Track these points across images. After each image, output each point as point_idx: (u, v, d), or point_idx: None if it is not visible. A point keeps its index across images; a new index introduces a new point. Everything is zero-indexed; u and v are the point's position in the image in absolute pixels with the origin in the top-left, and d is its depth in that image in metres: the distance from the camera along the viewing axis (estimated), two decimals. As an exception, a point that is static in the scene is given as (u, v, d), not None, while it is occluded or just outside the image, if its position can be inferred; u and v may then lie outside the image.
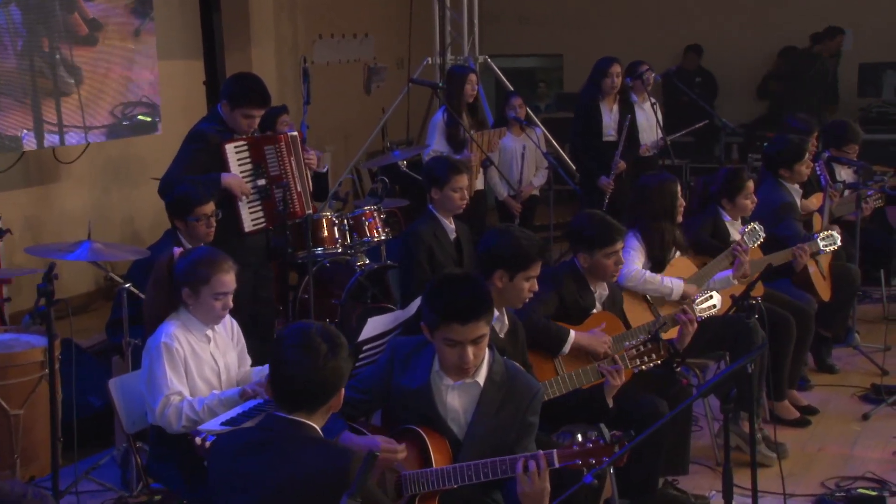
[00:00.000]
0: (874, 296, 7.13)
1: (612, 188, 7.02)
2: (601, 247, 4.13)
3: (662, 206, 4.78)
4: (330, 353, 2.48)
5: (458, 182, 4.96)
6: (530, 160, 7.28)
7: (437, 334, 2.97)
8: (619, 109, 7.17)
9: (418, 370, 3.08)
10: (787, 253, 5.23)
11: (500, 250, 3.59)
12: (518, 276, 3.59)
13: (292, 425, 2.51)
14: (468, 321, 2.91)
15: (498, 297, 3.58)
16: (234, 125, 4.92)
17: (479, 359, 3.00)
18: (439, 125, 6.73)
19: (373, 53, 10.58)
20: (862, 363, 6.00)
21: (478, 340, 2.95)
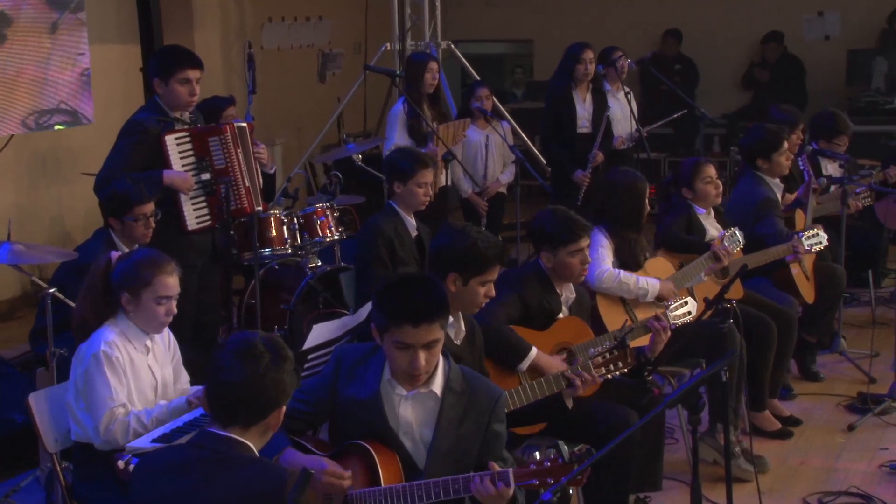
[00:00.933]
0: (862, 298, 7.25)
1: (587, 182, 7.07)
2: (565, 244, 4.17)
3: (627, 212, 4.83)
4: (272, 364, 2.48)
5: (423, 177, 4.99)
6: (496, 154, 7.31)
7: (386, 337, 2.99)
8: (592, 99, 7.22)
9: (367, 379, 3.09)
10: (769, 253, 5.29)
11: (454, 252, 3.61)
12: (473, 280, 3.61)
13: (225, 443, 2.50)
14: (420, 323, 2.92)
15: (452, 301, 3.58)
16: (174, 101, 4.89)
17: (430, 365, 3.02)
18: (400, 117, 6.73)
19: (327, 38, 10.57)
20: (848, 370, 6.09)
21: (431, 345, 2.97)
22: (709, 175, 5.32)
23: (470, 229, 3.68)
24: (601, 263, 4.75)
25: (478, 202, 7.21)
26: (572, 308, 4.33)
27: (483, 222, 7.11)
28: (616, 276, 4.71)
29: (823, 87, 10.72)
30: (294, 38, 10.10)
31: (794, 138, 6.33)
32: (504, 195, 7.51)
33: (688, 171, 5.33)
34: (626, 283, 4.72)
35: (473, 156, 7.26)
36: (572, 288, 4.32)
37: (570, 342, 4.17)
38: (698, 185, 5.29)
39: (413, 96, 6.66)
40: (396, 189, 4.98)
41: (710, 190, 5.31)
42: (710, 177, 5.31)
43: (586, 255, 4.24)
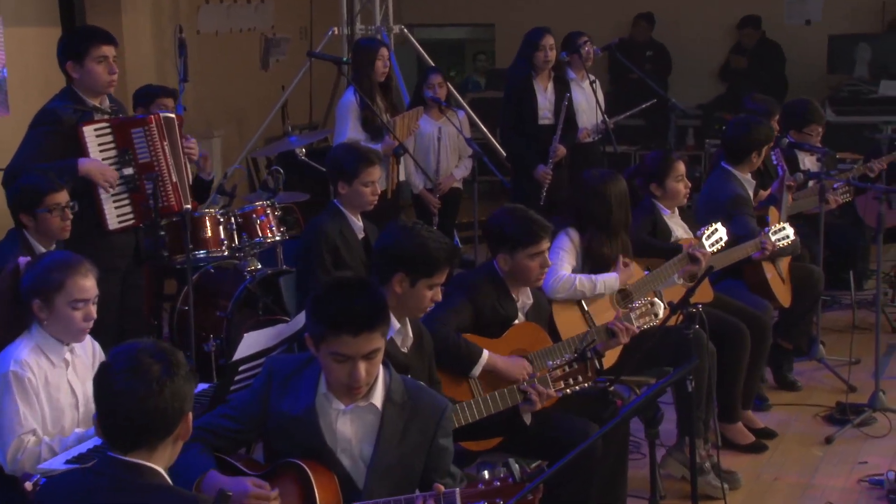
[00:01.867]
0: (843, 301, 7.35)
1: (549, 178, 7.11)
2: (524, 246, 4.19)
3: (601, 214, 4.86)
4: (165, 375, 2.44)
5: (369, 175, 4.99)
6: (450, 147, 7.33)
7: (323, 347, 2.98)
8: (554, 88, 7.26)
9: (301, 393, 3.08)
10: (741, 249, 5.34)
11: (402, 251, 3.62)
12: (420, 282, 3.62)
13: (128, 470, 2.45)
14: (360, 332, 2.92)
15: (396, 304, 3.61)
16: (94, 83, 4.84)
17: (371, 377, 3.02)
18: (352, 108, 6.72)
19: (270, 22, 10.52)
20: (827, 379, 6.17)
21: (371, 355, 2.97)
22: (681, 172, 5.36)
23: (419, 228, 3.70)
24: (558, 269, 4.78)
25: (429, 199, 7.23)
26: (529, 314, 4.35)
27: (435, 220, 7.13)
28: (572, 282, 4.74)
29: (804, 76, 10.83)
30: (234, 21, 10.04)
31: (768, 131, 6.40)
32: (460, 191, 7.53)
33: (658, 166, 5.36)
34: (582, 290, 4.76)
35: (425, 149, 7.27)
36: (529, 293, 4.35)
37: (526, 349, 4.19)
38: (670, 182, 5.33)
39: (363, 86, 6.65)
40: (341, 190, 4.98)
41: (681, 188, 5.36)
42: (682, 174, 5.36)
43: (546, 259, 4.27)
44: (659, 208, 5.39)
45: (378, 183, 5.03)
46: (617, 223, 4.90)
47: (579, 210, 4.91)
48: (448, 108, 7.18)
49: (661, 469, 4.87)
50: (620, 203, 4.93)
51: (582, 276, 4.79)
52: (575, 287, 4.74)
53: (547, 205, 7.06)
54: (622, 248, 4.93)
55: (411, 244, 3.62)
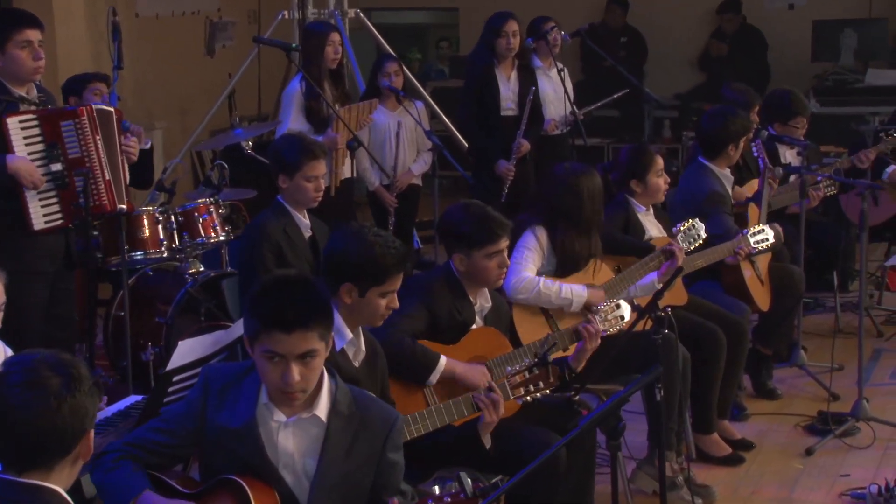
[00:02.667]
0: (827, 304, 7.43)
1: (512, 174, 7.13)
2: (480, 245, 4.21)
3: (573, 211, 4.89)
4: (65, 389, 2.38)
5: (312, 169, 4.99)
6: (408, 141, 7.34)
7: (256, 347, 2.99)
8: (518, 77, 7.29)
9: (240, 404, 3.09)
10: (716, 252, 5.39)
11: (348, 259, 3.62)
12: (371, 291, 3.63)
13: (24, 491, 2.38)
14: (293, 329, 2.93)
15: (348, 315, 3.62)
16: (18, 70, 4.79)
17: (308, 383, 3.02)
18: (296, 97, 6.72)
19: (216, 4, 10.50)
20: (809, 386, 6.24)
21: (306, 357, 2.97)
22: (661, 166, 5.41)
23: (367, 232, 3.70)
24: (521, 270, 4.80)
25: (385, 196, 7.24)
26: (488, 318, 4.37)
27: (392, 220, 7.14)
28: (536, 284, 4.76)
29: (787, 64, 10.94)
30: (176, 3, 10.01)
31: (747, 122, 6.46)
32: (418, 188, 7.55)
33: (637, 161, 5.40)
34: (546, 294, 4.77)
35: (382, 142, 7.28)
36: (488, 295, 4.37)
37: (484, 356, 4.21)
38: (651, 178, 5.38)
39: (312, 73, 6.65)
40: (282, 184, 4.98)
41: (661, 184, 5.41)
42: (662, 168, 5.41)
43: (505, 258, 4.29)
44: (633, 205, 5.42)
45: (322, 179, 5.03)
46: (590, 220, 4.93)
47: (550, 206, 4.93)
48: (405, 98, 7.19)
49: (632, 483, 4.91)
50: (594, 199, 4.96)
51: (547, 280, 4.81)
52: (538, 290, 4.77)
53: (509, 202, 7.10)
54: (593, 249, 4.96)
55: (357, 251, 3.62)
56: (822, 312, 7.42)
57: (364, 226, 3.77)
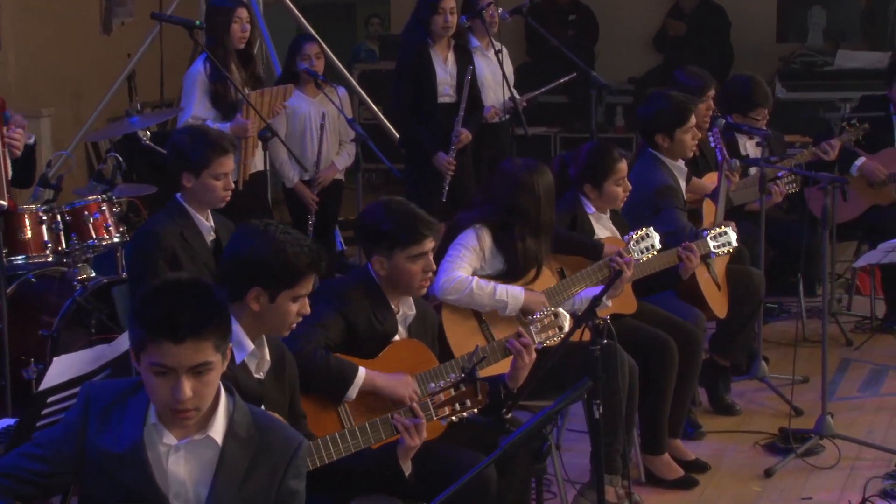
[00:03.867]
0: (791, 309, 7.53)
1: (453, 168, 7.16)
2: (403, 247, 4.22)
3: (536, 212, 4.93)
4: None
5: (221, 166, 4.96)
6: (331, 131, 7.33)
7: (143, 359, 2.96)
8: (456, 59, 7.32)
9: (126, 426, 3.06)
10: (666, 256, 5.45)
11: (255, 260, 3.62)
12: (281, 295, 3.63)
13: None
14: (184, 339, 2.91)
15: (255, 322, 3.62)
16: None
17: (202, 399, 3.00)
18: (199, 80, 6.67)
19: (114, -24, 10.43)
20: (771, 401, 6.32)
21: (200, 370, 2.96)
22: (623, 174, 5.45)
23: (275, 230, 3.70)
24: (454, 269, 4.82)
25: (305, 194, 7.22)
26: (412, 328, 4.39)
27: (312, 220, 7.13)
28: (468, 284, 4.79)
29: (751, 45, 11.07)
30: (68, -26, 9.92)
31: (702, 109, 6.54)
32: (342, 183, 7.55)
33: (596, 164, 5.42)
34: (480, 295, 4.80)
35: (301, 133, 7.27)
36: (412, 303, 4.38)
37: (408, 371, 4.21)
38: (609, 187, 5.42)
39: (218, 53, 6.61)
40: (186, 182, 4.95)
41: (620, 193, 5.45)
42: (623, 176, 5.45)
43: (431, 262, 4.30)
44: (584, 204, 5.46)
45: (231, 175, 5.02)
46: (546, 222, 4.98)
47: (503, 206, 4.96)
48: (326, 83, 7.17)
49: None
50: (549, 198, 5.01)
51: (480, 280, 4.84)
52: (471, 290, 4.79)
53: (450, 201, 7.12)
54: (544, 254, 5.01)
55: (266, 251, 3.62)
56: (785, 319, 7.54)
57: (270, 223, 3.75)
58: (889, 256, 5.74)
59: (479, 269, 4.94)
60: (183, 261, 4.84)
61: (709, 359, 6.13)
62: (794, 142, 8.29)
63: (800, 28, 10.86)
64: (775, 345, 7.04)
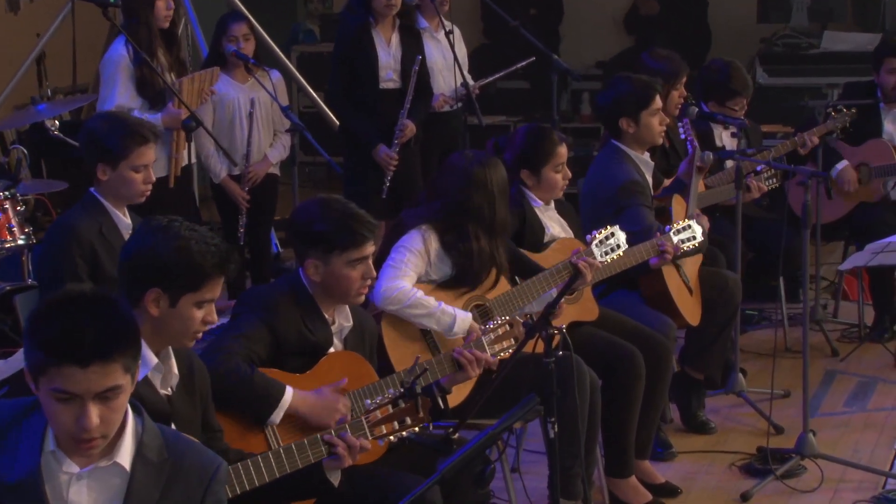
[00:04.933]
0: (773, 317, 7.56)
1: (395, 163, 7.16)
2: (341, 250, 4.20)
3: (491, 211, 4.94)
4: None
5: (141, 157, 4.94)
6: (263, 120, 7.30)
7: (43, 383, 2.92)
8: (401, 41, 7.31)
9: (21, 452, 3.02)
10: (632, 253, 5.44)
11: (157, 259, 3.58)
12: (184, 299, 3.60)
13: None
14: (91, 362, 2.87)
15: (153, 331, 3.58)
16: None
17: (110, 426, 2.97)
18: (122, 65, 6.61)
19: (22, -53, 10.36)
20: (748, 417, 6.35)
21: (108, 396, 2.92)
22: (563, 160, 5.47)
23: (179, 226, 3.66)
24: (397, 275, 4.82)
25: (235, 191, 7.19)
26: (348, 341, 4.38)
27: (242, 220, 7.11)
28: (411, 297, 4.78)
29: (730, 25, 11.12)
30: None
31: (674, 97, 6.57)
32: (276, 179, 7.52)
33: (534, 148, 5.45)
34: (420, 307, 4.79)
35: (229, 122, 7.23)
36: (348, 313, 4.37)
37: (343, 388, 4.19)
38: (547, 172, 5.44)
39: (141, 34, 6.58)
40: (101, 175, 4.93)
41: (559, 180, 5.46)
42: (563, 162, 5.47)
43: (371, 268, 4.29)
44: (529, 199, 5.47)
45: (152, 167, 4.99)
46: (501, 220, 4.99)
47: (453, 204, 4.96)
48: (257, 66, 7.14)
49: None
50: (504, 194, 5.02)
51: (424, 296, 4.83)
52: (414, 301, 4.79)
53: (392, 197, 7.12)
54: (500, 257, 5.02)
55: (168, 249, 3.58)
56: (766, 327, 7.57)
57: (174, 219, 3.71)
58: (878, 258, 5.76)
59: (424, 275, 4.93)
60: (102, 259, 4.83)
61: (680, 371, 6.15)
62: (775, 132, 8.34)
63: (783, 7, 10.90)
64: (754, 356, 7.07)
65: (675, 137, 6.56)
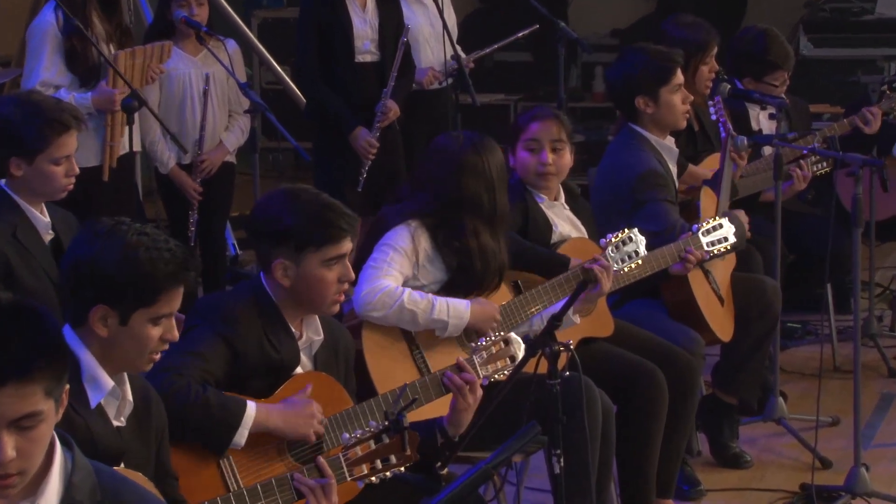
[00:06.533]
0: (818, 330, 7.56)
1: (375, 151, 7.17)
2: (317, 246, 4.21)
3: (491, 202, 4.96)
4: None
5: (62, 147, 4.93)
6: (218, 100, 7.30)
7: None
8: (378, 6, 7.34)
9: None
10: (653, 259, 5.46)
11: (101, 270, 3.58)
12: (135, 316, 3.60)
13: None
14: (4, 383, 2.87)
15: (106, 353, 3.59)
16: None
17: (28, 460, 2.97)
18: (49, 35, 6.62)
19: None
20: (790, 449, 6.36)
21: (25, 424, 2.91)
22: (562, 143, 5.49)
23: (127, 230, 3.66)
24: (379, 276, 4.84)
25: (185, 182, 7.20)
26: (319, 357, 4.39)
27: (194, 216, 7.12)
28: (397, 297, 4.80)
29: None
30: None
31: (703, 71, 6.59)
32: (233, 168, 7.53)
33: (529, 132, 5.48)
34: (412, 311, 4.81)
35: (178, 102, 7.24)
36: (318, 325, 4.38)
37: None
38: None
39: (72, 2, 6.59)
40: (15, 170, 4.92)
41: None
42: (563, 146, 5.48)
43: (349, 268, 4.30)
44: (531, 191, 5.48)
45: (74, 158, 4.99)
46: (502, 213, 5.01)
47: (446, 194, 4.98)
48: (211, 36, 7.15)
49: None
50: (503, 182, 5.04)
51: (414, 292, 4.85)
52: (401, 304, 4.80)
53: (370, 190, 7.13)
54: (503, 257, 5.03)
55: (113, 258, 3.59)
56: (810, 343, 7.58)
57: (121, 221, 3.71)
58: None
59: (410, 279, 4.94)
60: (17, 268, 4.82)
61: (710, 395, 6.16)
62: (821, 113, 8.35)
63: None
64: (796, 376, 7.11)
65: (706, 118, 6.57)
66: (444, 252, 4.97)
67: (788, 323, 7.42)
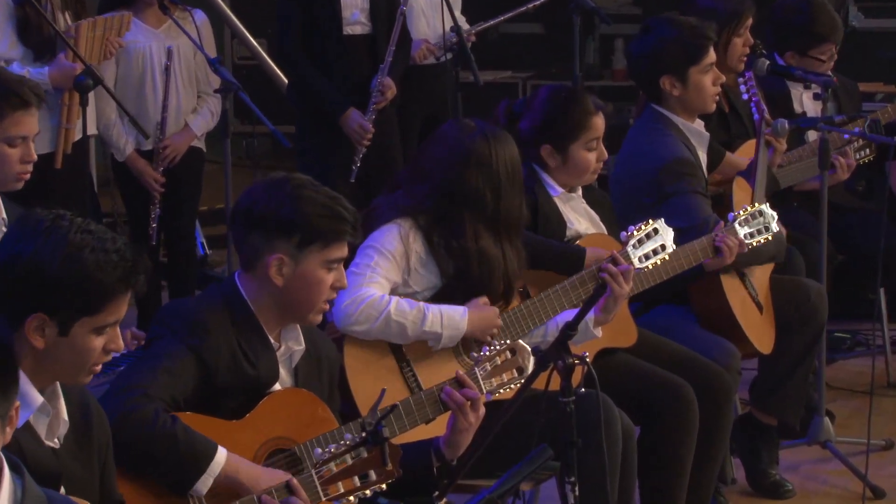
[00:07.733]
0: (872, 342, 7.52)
1: (370, 137, 7.20)
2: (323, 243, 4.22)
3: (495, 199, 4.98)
4: None
5: (18, 125, 4.94)
6: (184, 78, 7.33)
7: None
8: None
9: None
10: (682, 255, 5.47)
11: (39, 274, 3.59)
12: (77, 326, 3.60)
13: None
14: None
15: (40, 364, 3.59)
16: None
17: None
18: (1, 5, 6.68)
19: None
20: (838, 476, 6.38)
21: None
22: (598, 134, 5.49)
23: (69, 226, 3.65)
24: (363, 283, 4.86)
25: (146, 171, 7.23)
26: (300, 371, 4.41)
27: (156, 210, 7.14)
28: (384, 307, 4.82)
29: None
30: None
31: (737, 44, 6.60)
32: (202, 156, 7.56)
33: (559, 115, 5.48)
34: (399, 322, 4.83)
35: (138, 80, 7.29)
36: (300, 334, 4.40)
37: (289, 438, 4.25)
38: (576, 150, 5.48)
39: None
40: None
41: (591, 161, 5.51)
42: (598, 137, 5.49)
43: (343, 274, 4.32)
44: (544, 182, 5.49)
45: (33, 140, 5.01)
46: (509, 213, 5.02)
47: (445, 188, 5.00)
48: (176, 5, 7.18)
49: None
50: (513, 181, 5.04)
51: (402, 301, 4.87)
52: (388, 315, 4.82)
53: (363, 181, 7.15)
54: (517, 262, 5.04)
55: (52, 261, 3.57)
56: (860, 356, 7.61)
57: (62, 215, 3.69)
58: None
59: (400, 286, 4.96)
60: None
61: (746, 414, 6.18)
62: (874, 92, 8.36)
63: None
64: (845, 394, 7.12)
65: (738, 98, 6.58)
66: (440, 254, 4.99)
67: (836, 332, 7.44)
